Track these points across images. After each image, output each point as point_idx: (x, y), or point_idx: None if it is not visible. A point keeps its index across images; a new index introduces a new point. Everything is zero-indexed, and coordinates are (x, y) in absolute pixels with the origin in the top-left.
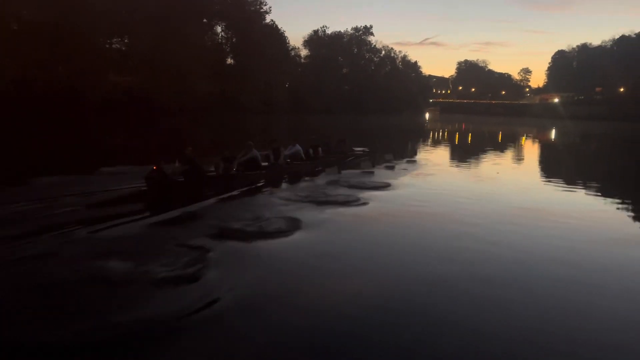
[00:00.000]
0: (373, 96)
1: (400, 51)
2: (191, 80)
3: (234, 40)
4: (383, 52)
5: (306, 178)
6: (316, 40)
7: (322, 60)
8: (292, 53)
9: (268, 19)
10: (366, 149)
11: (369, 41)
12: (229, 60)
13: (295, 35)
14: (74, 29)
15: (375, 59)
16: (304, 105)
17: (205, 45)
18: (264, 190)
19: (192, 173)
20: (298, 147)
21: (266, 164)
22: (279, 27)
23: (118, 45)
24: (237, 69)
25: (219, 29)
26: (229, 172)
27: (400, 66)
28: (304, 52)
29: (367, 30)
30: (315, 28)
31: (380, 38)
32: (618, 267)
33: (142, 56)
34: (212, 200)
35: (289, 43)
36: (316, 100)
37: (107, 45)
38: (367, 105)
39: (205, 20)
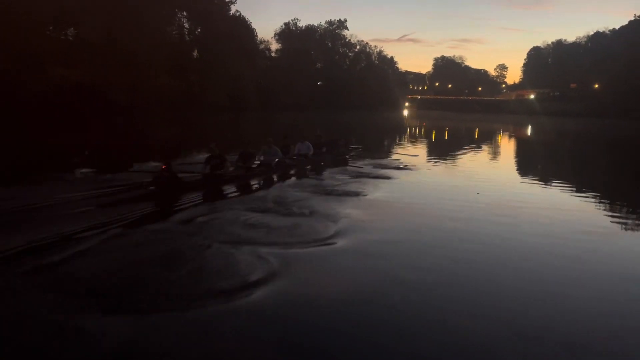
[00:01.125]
0: (348, 92)
1: (376, 46)
2: (147, 73)
3: (198, 31)
4: (358, 47)
5: (324, 172)
6: (288, 33)
7: (294, 55)
8: (262, 46)
9: (234, 9)
10: (360, 147)
11: (344, 35)
12: (194, 54)
13: (266, 28)
14: (7, 15)
15: (350, 54)
16: (274, 101)
17: (165, 36)
18: (285, 183)
19: (217, 169)
20: (308, 144)
21: (277, 160)
22: (247, 19)
23: (67, 35)
24: (201, 63)
25: (182, 19)
26: (248, 167)
27: (377, 62)
28: (275, 46)
29: (342, 24)
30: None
31: (358, 34)
32: (589, 258)
33: (93, 47)
34: (237, 195)
35: (257, 36)
36: (288, 96)
37: (53, 34)
38: (342, 102)
39: (165, 10)
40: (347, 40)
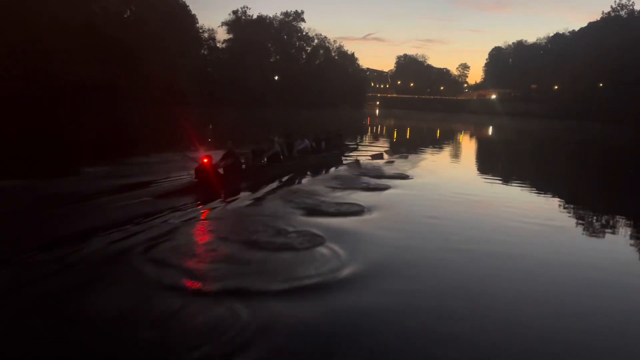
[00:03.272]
0: (305, 88)
1: (335, 41)
2: (52, 60)
3: (127, 15)
4: (316, 40)
5: (331, 169)
6: (237, 23)
7: (244, 46)
8: (206, 35)
9: None
10: (352, 143)
11: (300, 28)
12: (121, 40)
13: (214, 17)
14: None
15: (308, 48)
16: (220, 96)
17: (82, 19)
18: (299, 179)
19: (234, 165)
20: (307, 141)
21: (281, 157)
22: (186, 3)
23: None
24: (130, 51)
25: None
26: (259, 164)
27: (336, 57)
28: (224, 36)
29: (298, 16)
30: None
31: (323, 32)
32: (545, 255)
33: None
34: (262, 190)
35: (199, 23)
36: (237, 91)
37: None
38: (299, 99)
39: None
40: (304, 33)
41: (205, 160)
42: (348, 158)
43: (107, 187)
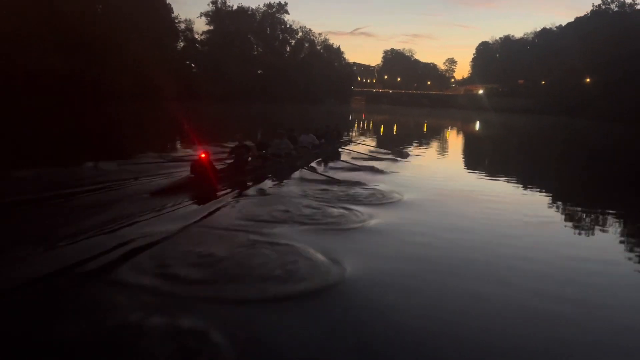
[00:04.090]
0: (290, 83)
1: (320, 34)
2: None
3: (100, 7)
4: (300, 33)
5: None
6: (217, 14)
7: (225, 38)
8: (183, 26)
9: None
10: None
11: (284, 20)
12: (89, 29)
13: (193, 8)
14: None
15: (292, 41)
16: (200, 90)
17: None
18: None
19: (242, 158)
20: (311, 136)
21: (286, 151)
22: None
23: None
24: (98, 41)
25: None
26: (265, 157)
27: (322, 51)
28: (203, 27)
29: (282, 8)
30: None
31: (310, 26)
32: (533, 247)
33: None
34: (271, 182)
35: (174, 13)
36: (217, 85)
37: None
38: (283, 93)
39: None
40: (288, 25)
41: (203, 156)
42: (346, 152)
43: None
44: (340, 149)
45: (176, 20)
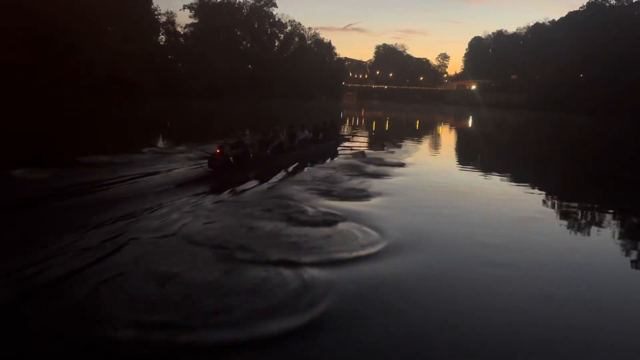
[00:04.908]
0: (279, 78)
1: (310, 28)
2: None
3: None
4: (289, 27)
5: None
6: (201, 6)
7: (210, 32)
8: (164, 19)
9: None
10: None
11: (272, 13)
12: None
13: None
14: None
15: (280, 36)
16: (182, 86)
17: None
18: (304, 168)
19: (244, 155)
20: (307, 132)
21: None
22: None
23: None
24: (68, 31)
25: None
26: (265, 153)
27: (312, 46)
28: (187, 21)
29: (270, 1)
30: None
31: (304, 22)
32: (522, 243)
33: None
34: (278, 178)
35: (154, 5)
36: (201, 80)
37: None
38: (272, 88)
39: None
40: (276, 19)
41: (219, 151)
42: (342, 147)
43: None
44: (337, 144)
45: (156, 13)
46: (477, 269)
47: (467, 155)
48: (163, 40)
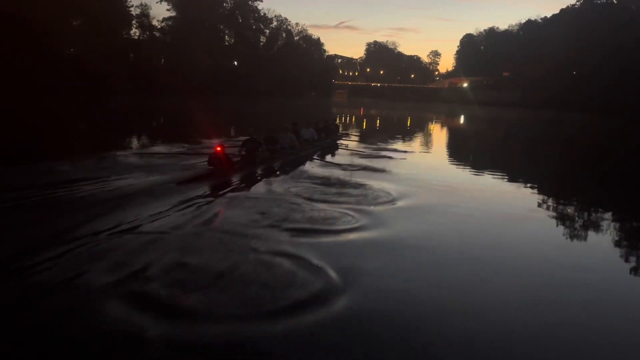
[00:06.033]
0: (265, 75)
1: (297, 24)
2: None
3: None
4: (275, 22)
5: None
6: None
7: (190, 27)
8: (138, 11)
9: None
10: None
11: (257, 7)
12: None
13: None
14: None
15: (266, 31)
16: (159, 83)
17: None
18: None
19: (255, 152)
20: (312, 130)
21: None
22: None
23: None
24: (21, 25)
25: None
26: (274, 151)
27: (301, 42)
28: (164, 14)
29: None
30: None
31: (295, 20)
32: (515, 240)
33: None
34: (285, 176)
35: None
36: (180, 77)
37: None
38: (257, 86)
39: None
40: (261, 14)
41: (219, 149)
42: (342, 145)
43: None
44: (338, 142)
45: (128, 5)
46: (467, 267)
47: (459, 153)
48: (137, 34)
